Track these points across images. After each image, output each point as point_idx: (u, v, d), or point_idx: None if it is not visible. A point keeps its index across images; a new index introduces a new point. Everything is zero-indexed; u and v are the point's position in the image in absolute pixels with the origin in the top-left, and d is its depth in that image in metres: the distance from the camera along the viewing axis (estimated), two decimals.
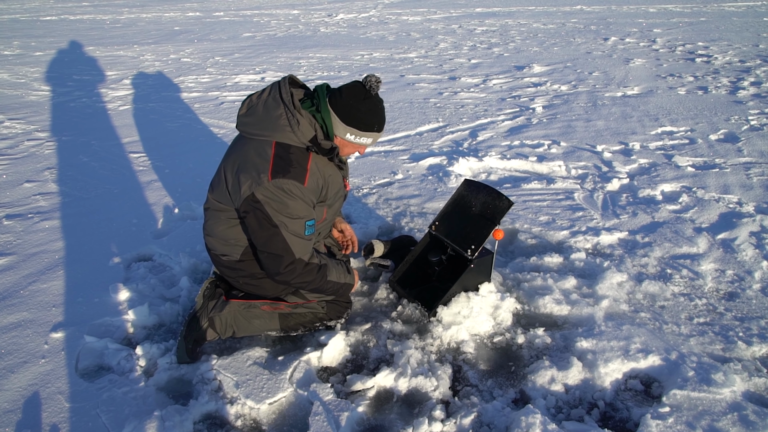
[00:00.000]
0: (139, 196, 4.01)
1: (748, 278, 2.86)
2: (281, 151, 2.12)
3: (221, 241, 2.35)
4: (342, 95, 2.16)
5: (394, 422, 2.05)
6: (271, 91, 2.20)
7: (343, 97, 2.16)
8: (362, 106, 2.16)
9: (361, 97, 2.15)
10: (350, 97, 2.15)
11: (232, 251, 2.35)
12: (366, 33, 12.18)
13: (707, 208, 3.60)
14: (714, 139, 4.93)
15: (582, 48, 9.68)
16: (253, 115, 2.19)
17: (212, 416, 2.12)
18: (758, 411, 1.99)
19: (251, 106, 2.20)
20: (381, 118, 2.23)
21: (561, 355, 2.35)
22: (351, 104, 2.15)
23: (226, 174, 2.22)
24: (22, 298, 2.77)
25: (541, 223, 3.45)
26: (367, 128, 2.20)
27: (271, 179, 2.06)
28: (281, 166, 2.09)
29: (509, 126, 5.52)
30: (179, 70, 8.61)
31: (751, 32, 10.60)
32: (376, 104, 2.20)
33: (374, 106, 2.19)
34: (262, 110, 2.17)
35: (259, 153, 2.13)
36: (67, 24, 14.57)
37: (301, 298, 2.48)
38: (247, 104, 2.23)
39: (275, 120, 2.12)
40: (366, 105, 2.16)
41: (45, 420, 2.05)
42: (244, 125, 2.21)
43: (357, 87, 2.17)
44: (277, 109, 2.14)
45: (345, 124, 2.18)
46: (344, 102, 2.15)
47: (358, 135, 2.20)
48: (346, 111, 2.16)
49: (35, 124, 5.81)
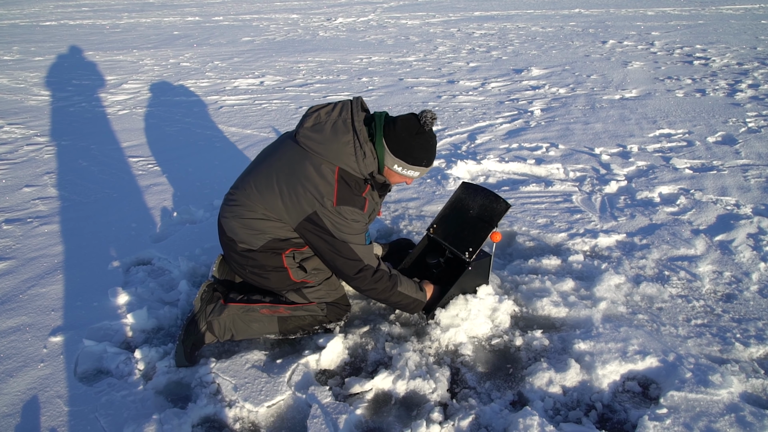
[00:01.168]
0: (138, 200, 4.02)
1: (746, 280, 2.86)
2: (345, 179, 2.20)
3: (246, 228, 2.33)
4: (396, 127, 2.20)
5: (392, 425, 2.06)
6: (341, 113, 2.22)
7: (397, 129, 2.20)
8: (414, 141, 2.20)
9: (414, 132, 2.20)
10: (404, 129, 2.20)
11: (253, 240, 2.34)
12: (365, 37, 12.21)
13: (705, 210, 3.61)
14: (712, 142, 4.95)
15: (580, 51, 9.71)
16: (320, 133, 2.20)
17: (211, 419, 2.12)
18: (755, 412, 1.99)
19: (318, 123, 2.22)
20: (431, 154, 2.29)
21: (559, 357, 2.35)
22: (403, 137, 2.20)
23: (279, 182, 2.23)
24: (21, 302, 2.77)
25: (539, 226, 3.46)
26: (416, 162, 2.25)
27: (336, 205, 2.16)
28: (346, 193, 2.18)
29: (507, 129, 5.53)
30: (178, 74, 8.64)
31: (748, 35, 10.64)
32: (428, 140, 2.24)
33: (426, 142, 2.23)
34: (330, 131, 2.19)
35: (321, 174, 2.18)
36: (67, 29, 14.61)
37: (302, 299, 2.48)
38: (315, 118, 2.24)
39: (343, 146, 2.17)
40: (418, 140, 2.21)
41: (44, 424, 2.05)
42: (308, 139, 2.22)
43: (412, 121, 2.21)
44: (346, 134, 2.17)
45: (394, 156, 2.22)
46: (397, 134, 2.20)
47: (405, 168, 2.25)
48: (398, 143, 2.20)
49: (35, 129, 5.82)
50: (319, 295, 2.49)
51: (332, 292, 2.53)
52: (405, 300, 2.45)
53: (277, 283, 2.44)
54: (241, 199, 2.35)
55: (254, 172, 2.36)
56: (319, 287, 2.49)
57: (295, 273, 2.42)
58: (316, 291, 2.48)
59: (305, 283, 2.46)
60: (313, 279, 2.47)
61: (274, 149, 2.38)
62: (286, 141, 2.36)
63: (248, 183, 2.35)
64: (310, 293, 2.48)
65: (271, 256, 2.37)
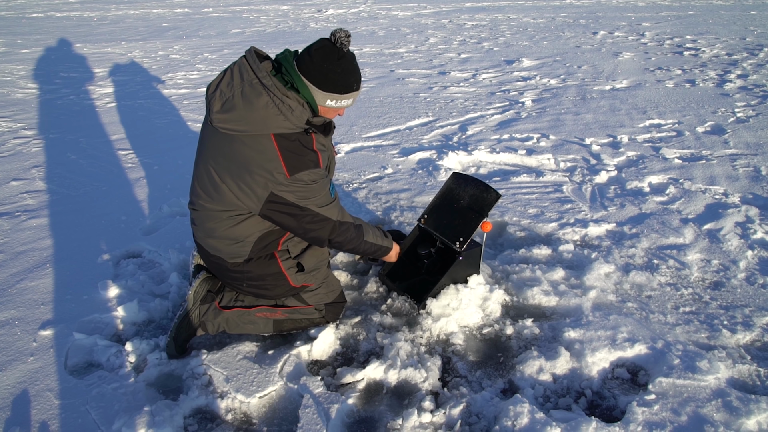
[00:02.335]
0: (128, 193, 3.99)
1: (733, 268, 2.89)
2: (285, 143, 1.97)
3: (227, 241, 2.20)
4: (313, 60, 1.97)
5: (383, 414, 2.07)
6: (243, 76, 1.97)
7: (315, 61, 1.96)
8: (338, 68, 1.98)
9: (335, 58, 1.97)
10: (323, 60, 1.96)
11: (240, 250, 2.22)
12: (356, 28, 12.15)
13: (694, 199, 3.64)
14: (701, 132, 4.98)
15: (571, 42, 9.72)
16: (232, 110, 1.95)
17: (203, 410, 2.12)
18: (742, 397, 2.02)
19: (226, 100, 1.97)
20: (358, 75, 2.08)
21: (549, 345, 2.37)
22: (327, 68, 1.97)
23: (221, 178, 2.04)
24: (9, 296, 2.75)
25: (530, 216, 3.47)
26: (347, 89, 2.05)
27: (290, 176, 1.97)
28: (294, 158, 1.98)
29: (499, 120, 5.54)
30: (168, 66, 8.56)
31: (738, 25, 10.68)
32: (351, 62, 2.03)
33: (350, 64, 2.02)
34: (242, 103, 1.94)
35: (259, 150, 1.96)
36: (54, 21, 14.42)
37: (300, 302, 2.43)
38: (220, 97, 1.99)
39: (263, 110, 1.93)
40: (342, 65, 1.99)
41: (34, 417, 2.04)
42: (224, 122, 1.98)
43: (327, 47, 1.97)
44: (260, 97, 1.93)
45: (323, 90, 2.00)
46: (318, 67, 1.96)
47: (338, 99, 2.05)
48: (323, 77, 1.98)
49: (22, 122, 5.75)
50: (318, 298, 2.44)
51: (331, 292, 2.49)
52: (372, 248, 2.44)
53: (276, 291, 2.37)
54: (201, 213, 2.21)
55: (196, 175, 2.19)
56: (318, 290, 2.43)
57: (294, 278, 2.33)
58: (315, 294, 2.43)
59: (305, 287, 2.39)
60: (312, 281, 2.40)
61: (202, 143, 2.17)
62: (206, 129, 2.13)
63: (197, 191, 2.19)
64: (309, 297, 2.43)
65: (266, 263, 2.27)
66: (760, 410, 1.95)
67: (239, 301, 2.44)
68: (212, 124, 2.03)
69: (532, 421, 1.91)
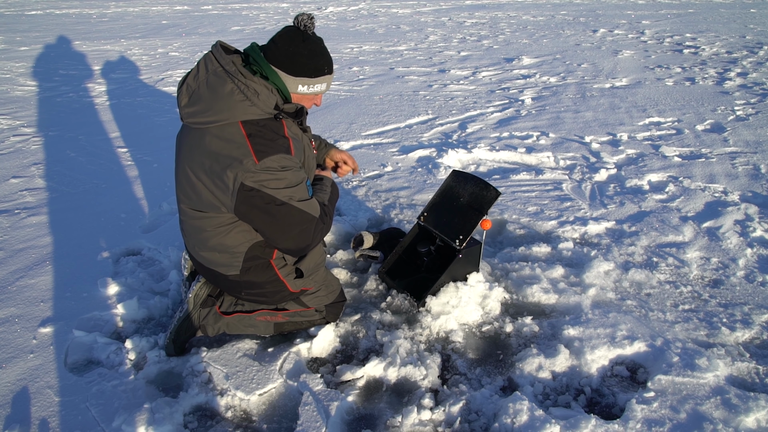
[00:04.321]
0: (128, 190, 3.99)
1: (733, 266, 2.90)
2: (253, 129, 1.89)
3: (219, 252, 2.15)
4: (278, 45, 1.93)
5: (383, 411, 2.07)
6: (207, 67, 1.93)
7: (280, 47, 1.92)
8: (304, 50, 1.93)
9: (300, 40, 1.93)
10: (288, 44, 1.92)
11: (233, 260, 2.16)
12: (355, 26, 12.13)
13: (693, 197, 3.65)
14: (700, 130, 4.98)
15: (571, 40, 9.71)
16: (198, 102, 1.91)
17: (202, 408, 2.12)
18: (740, 394, 2.02)
19: (192, 93, 1.93)
20: (328, 58, 2.02)
21: (548, 343, 2.37)
22: (292, 51, 1.92)
23: (198, 177, 1.97)
24: (9, 293, 2.75)
25: (530, 214, 3.47)
26: (318, 72, 1.99)
27: (258, 161, 1.85)
28: (263, 143, 1.88)
29: (498, 118, 5.54)
30: (167, 64, 8.54)
31: (738, 23, 10.67)
32: (318, 44, 1.98)
33: (317, 46, 1.97)
34: (207, 92, 1.90)
35: (227, 140, 1.88)
36: (53, 18, 14.39)
37: (300, 306, 2.41)
38: (186, 91, 1.95)
39: (228, 97, 1.87)
40: (308, 47, 1.94)
41: (34, 414, 2.04)
42: (192, 116, 1.93)
43: (291, 31, 1.94)
44: (224, 84, 1.88)
45: (293, 76, 1.95)
46: (283, 52, 1.92)
47: (310, 84, 1.99)
48: (290, 61, 1.93)
49: (21, 120, 5.75)
50: (318, 300, 2.42)
51: (331, 293, 2.47)
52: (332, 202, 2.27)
53: (276, 298, 2.33)
54: (188, 224, 2.17)
55: (176, 181, 2.14)
56: (318, 292, 2.40)
57: (292, 284, 2.29)
58: (315, 297, 2.40)
59: (304, 291, 2.36)
60: (311, 285, 2.36)
61: (178, 147, 2.11)
62: (181, 133, 2.10)
63: (179, 197, 2.14)
64: (309, 300, 2.40)
65: (262, 272, 2.22)
66: (759, 408, 1.95)
67: (239, 305, 2.42)
68: (183, 120, 2.00)
69: (532, 419, 1.92)
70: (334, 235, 3.28)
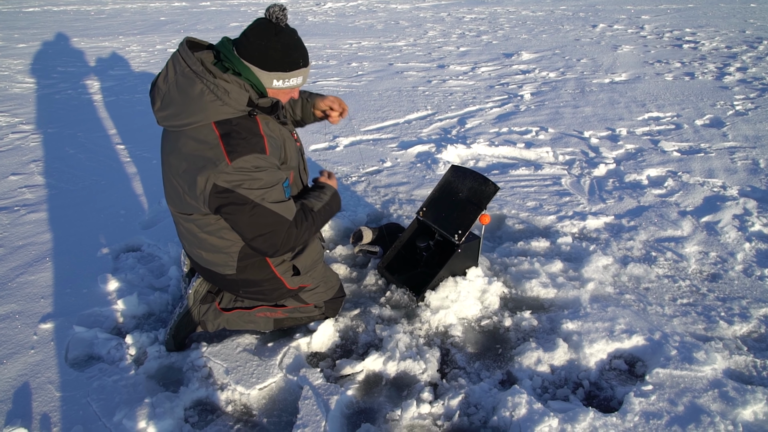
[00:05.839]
0: (127, 187, 3.99)
1: (731, 260, 2.91)
2: (226, 128, 1.86)
3: (213, 252, 2.15)
4: (249, 39, 1.88)
5: (383, 405, 2.08)
6: (175, 68, 1.89)
7: (251, 40, 1.87)
8: (276, 44, 1.88)
9: (273, 33, 1.87)
10: (259, 38, 1.87)
11: (227, 260, 2.16)
12: (354, 22, 12.11)
13: (692, 192, 3.65)
14: (700, 125, 4.98)
15: (570, 35, 9.69)
16: (170, 106, 1.88)
17: (203, 402, 2.13)
18: (738, 387, 2.03)
19: (164, 96, 1.90)
20: (303, 50, 1.96)
21: (547, 336, 2.38)
22: (265, 45, 1.87)
23: (177, 180, 1.97)
24: (10, 290, 2.76)
25: (529, 209, 3.48)
26: (293, 66, 1.93)
27: (231, 162, 1.82)
28: (235, 144, 1.84)
29: (497, 113, 5.54)
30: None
31: (738, 18, 10.66)
32: (292, 36, 1.92)
33: (290, 38, 1.91)
34: (177, 95, 1.86)
35: (200, 141, 1.86)
36: (51, 15, 14.35)
37: (298, 302, 2.41)
38: (158, 94, 1.92)
39: (198, 99, 1.84)
40: (282, 41, 1.88)
41: (36, 409, 2.05)
42: (166, 120, 1.92)
43: (262, 26, 1.88)
44: (193, 85, 1.84)
45: (267, 71, 1.90)
46: (255, 46, 1.87)
47: (285, 78, 1.94)
48: (262, 56, 1.88)
49: (20, 117, 5.74)
50: (318, 297, 2.42)
51: (330, 289, 2.47)
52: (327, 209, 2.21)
53: (274, 295, 2.33)
54: (180, 226, 2.17)
55: (164, 186, 2.14)
56: (317, 288, 2.41)
57: (290, 281, 2.29)
58: (314, 294, 2.41)
59: (303, 288, 2.37)
60: (309, 282, 2.36)
61: (162, 152, 2.10)
62: (162, 134, 2.09)
63: (168, 203, 2.15)
64: (309, 297, 2.40)
65: (259, 270, 2.21)
66: (756, 400, 1.96)
67: (239, 301, 2.43)
68: (159, 123, 1.98)
69: (530, 412, 1.92)
70: (333, 231, 3.29)
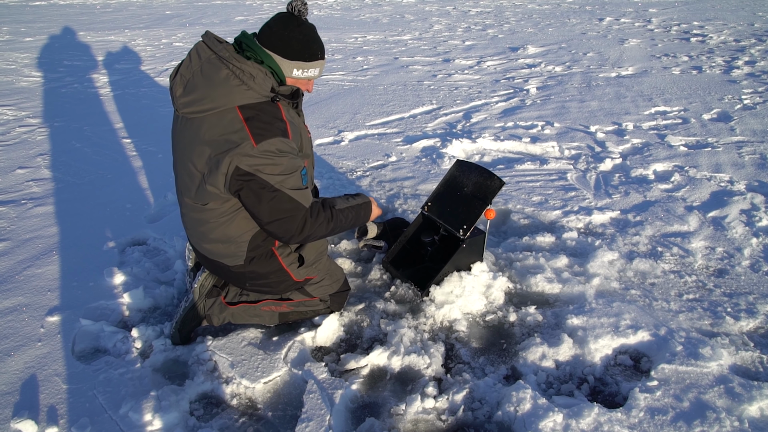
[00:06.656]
0: (133, 181, 4.01)
1: (738, 255, 2.89)
2: (250, 113, 1.89)
3: (222, 243, 2.15)
4: (272, 30, 1.96)
5: (387, 399, 2.09)
6: (200, 55, 1.93)
7: (274, 31, 1.95)
8: (298, 35, 1.96)
9: (294, 25, 1.96)
10: (282, 29, 1.95)
11: (237, 250, 2.16)
12: (360, 15, 12.06)
13: (699, 186, 3.63)
14: (707, 119, 4.94)
15: (577, 29, 9.62)
16: (194, 91, 1.91)
17: (208, 396, 2.14)
18: (744, 383, 2.02)
19: (187, 83, 1.93)
20: (321, 44, 2.06)
21: (552, 332, 2.38)
22: (287, 36, 1.95)
23: (197, 167, 1.97)
24: (17, 282, 2.78)
25: (534, 204, 3.47)
26: (312, 57, 2.02)
27: (257, 144, 1.85)
28: (261, 127, 1.88)
29: (503, 107, 5.51)
30: (171, 54, 8.53)
31: (746, 11, 10.55)
32: (311, 29, 2.02)
33: (310, 31, 2.01)
34: (202, 80, 1.90)
35: (224, 125, 1.88)
36: (57, 9, 14.37)
37: (304, 295, 2.42)
38: (181, 82, 1.95)
39: (224, 83, 1.88)
40: (302, 32, 1.97)
41: (43, 401, 2.07)
42: (189, 106, 1.93)
43: (285, 17, 1.97)
44: (219, 70, 1.89)
45: (289, 59, 1.97)
46: (278, 36, 1.95)
47: (304, 68, 2.02)
48: (284, 45, 1.95)
49: (27, 110, 5.77)
50: (323, 290, 2.43)
51: (335, 282, 2.47)
52: (352, 213, 2.23)
53: (280, 288, 2.34)
54: (189, 216, 2.17)
55: (176, 176, 2.16)
56: (322, 281, 2.41)
57: (296, 273, 2.30)
58: (319, 287, 2.41)
59: (308, 281, 2.38)
60: (315, 274, 2.37)
61: (174, 142, 2.12)
62: (176, 126, 2.09)
63: (179, 189, 2.15)
64: (314, 290, 2.41)
65: (266, 262, 2.23)
66: (763, 396, 1.95)
67: (244, 295, 2.44)
68: (179, 111, 1.99)
69: (535, 407, 1.92)
70: None
